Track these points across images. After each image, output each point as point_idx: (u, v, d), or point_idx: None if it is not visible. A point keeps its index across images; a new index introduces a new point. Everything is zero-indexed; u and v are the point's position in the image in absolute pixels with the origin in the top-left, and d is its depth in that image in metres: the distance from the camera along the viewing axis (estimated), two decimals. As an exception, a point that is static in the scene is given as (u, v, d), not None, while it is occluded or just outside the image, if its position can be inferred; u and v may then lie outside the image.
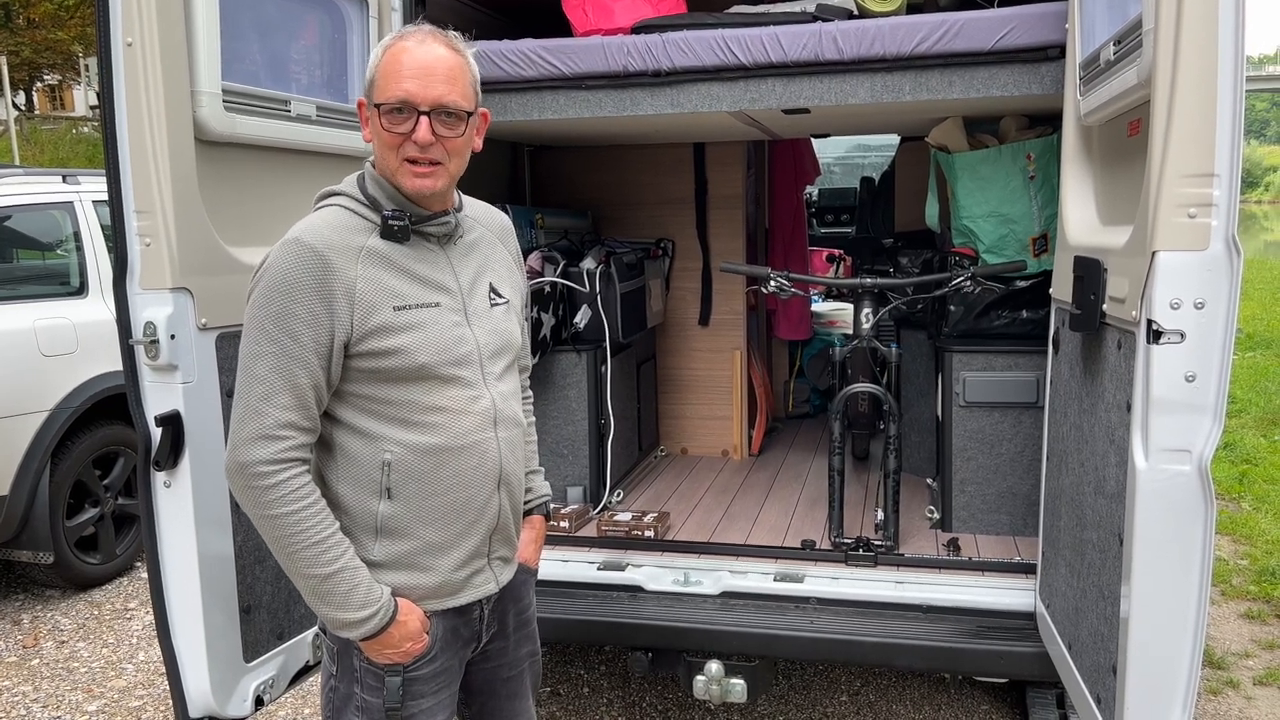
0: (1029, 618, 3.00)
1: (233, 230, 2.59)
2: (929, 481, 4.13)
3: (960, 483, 3.67)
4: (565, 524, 3.70)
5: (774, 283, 3.64)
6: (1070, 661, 2.54)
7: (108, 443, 5.11)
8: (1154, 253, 1.95)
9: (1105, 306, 2.26)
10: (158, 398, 2.41)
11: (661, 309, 4.78)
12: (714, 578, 3.28)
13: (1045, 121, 3.66)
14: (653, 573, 3.32)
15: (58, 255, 5.30)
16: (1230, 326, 1.93)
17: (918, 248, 4.27)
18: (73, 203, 5.24)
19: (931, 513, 3.84)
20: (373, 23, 3.08)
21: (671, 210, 4.91)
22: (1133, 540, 2.00)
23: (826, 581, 3.22)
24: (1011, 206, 3.64)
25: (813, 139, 5.83)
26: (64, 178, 5.35)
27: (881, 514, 3.53)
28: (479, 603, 2.04)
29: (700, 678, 3.04)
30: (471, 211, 2.09)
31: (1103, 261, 2.28)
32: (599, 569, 3.36)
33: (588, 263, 4.06)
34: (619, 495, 4.18)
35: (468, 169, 1.96)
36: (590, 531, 3.71)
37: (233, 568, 2.54)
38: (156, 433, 2.39)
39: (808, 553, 3.45)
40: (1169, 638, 2.00)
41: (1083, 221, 2.67)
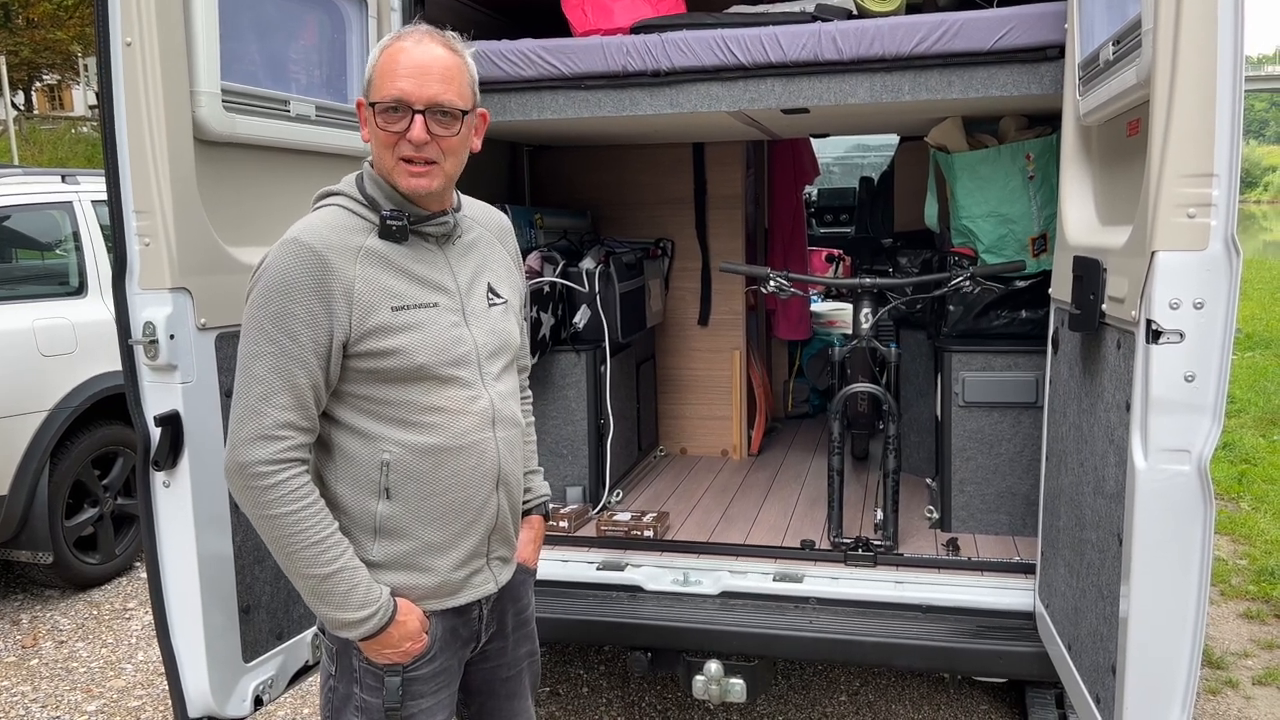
0: (1028, 617, 3.00)
1: (232, 230, 2.59)
2: (928, 481, 4.13)
3: (959, 483, 3.67)
4: (564, 524, 3.70)
5: (773, 282, 3.64)
6: (1069, 661, 2.54)
7: (107, 443, 5.11)
8: (1153, 253, 1.95)
9: (1104, 306, 2.26)
10: (157, 398, 2.41)
11: (661, 309, 4.78)
12: (713, 578, 3.28)
13: (1044, 121, 3.66)
14: (652, 573, 3.32)
15: (57, 255, 5.30)
16: (1229, 326, 1.93)
17: (917, 248, 4.26)
18: (72, 203, 5.24)
19: (931, 513, 3.84)
20: (372, 23, 3.08)
21: (671, 210, 4.91)
22: (1132, 540, 2.00)
23: (826, 581, 3.22)
24: (1011, 206, 3.64)
25: (812, 139, 5.83)
26: (63, 178, 5.35)
27: (881, 514, 3.53)
28: (478, 603, 2.04)
29: (700, 678, 3.04)
30: (470, 211, 2.09)
31: (1102, 261, 2.28)
32: (598, 569, 3.36)
33: (587, 263, 4.06)
34: (618, 495, 4.18)
35: (467, 169, 1.96)
36: (589, 531, 3.71)
37: (232, 568, 2.54)
38: (156, 433, 2.39)
39: (807, 553, 3.45)
40: (1168, 637, 2.00)
41: (1082, 221, 2.67)
